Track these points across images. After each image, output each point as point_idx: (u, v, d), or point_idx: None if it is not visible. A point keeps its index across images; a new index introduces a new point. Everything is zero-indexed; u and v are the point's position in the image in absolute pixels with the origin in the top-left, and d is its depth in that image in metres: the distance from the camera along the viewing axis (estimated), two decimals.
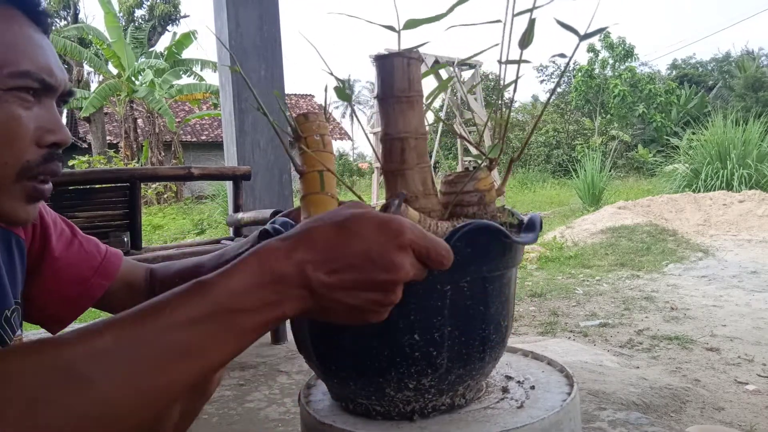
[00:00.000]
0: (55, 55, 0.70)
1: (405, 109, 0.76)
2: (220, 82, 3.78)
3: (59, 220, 0.90)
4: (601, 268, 5.29)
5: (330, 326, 0.69)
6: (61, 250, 0.86)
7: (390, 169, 0.77)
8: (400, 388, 0.71)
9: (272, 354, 2.53)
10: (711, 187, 8.99)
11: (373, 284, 0.51)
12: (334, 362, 0.75)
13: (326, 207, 0.76)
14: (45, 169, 0.67)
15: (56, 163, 0.69)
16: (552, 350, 2.71)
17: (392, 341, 0.69)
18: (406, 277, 0.53)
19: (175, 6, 20.92)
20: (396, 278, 0.52)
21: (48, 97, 0.68)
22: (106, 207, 2.44)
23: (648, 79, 22.01)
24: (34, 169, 0.66)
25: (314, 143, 0.78)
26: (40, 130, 0.66)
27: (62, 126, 0.69)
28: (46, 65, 0.66)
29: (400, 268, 0.51)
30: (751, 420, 2.05)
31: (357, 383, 0.74)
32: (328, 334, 0.73)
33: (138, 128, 16.26)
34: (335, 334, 0.72)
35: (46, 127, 0.67)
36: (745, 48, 35.00)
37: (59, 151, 0.69)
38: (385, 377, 0.71)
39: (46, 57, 0.67)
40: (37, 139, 0.66)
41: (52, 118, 0.68)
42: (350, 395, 0.77)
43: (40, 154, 0.67)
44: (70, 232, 0.90)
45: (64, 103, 0.73)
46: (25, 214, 0.68)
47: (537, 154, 20.78)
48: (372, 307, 0.53)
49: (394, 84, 0.76)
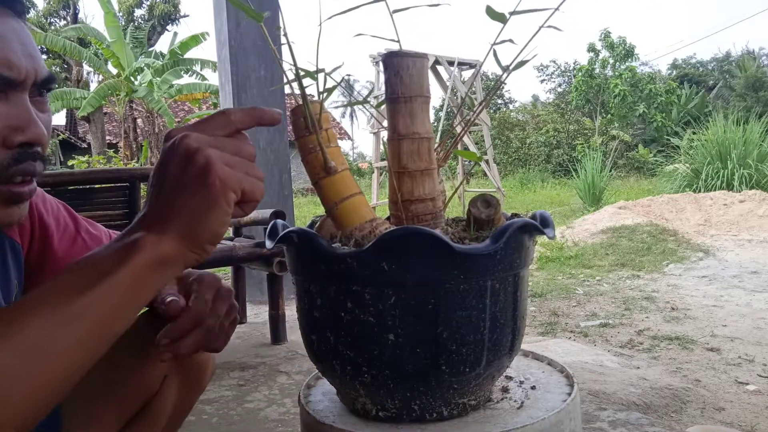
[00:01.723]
0: (23, 41, 0.62)
1: (414, 110, 0.76)
2: (219, 82, 3.78)
3: (63, 213, 0.86)
4: (601, 268, 5.29)
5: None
6: (64, 249, 0.84)
7: (398, 169, 0.77)
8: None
9: (272, 354, 2.53)
10: (711, 187, 8.97)
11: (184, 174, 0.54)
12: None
13: (367, 213, 0.73)
14: (17, 171, 0.62)
15: (30, 163, 0.63)
16: (552, 350, 2.71)
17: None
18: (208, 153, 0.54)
19: (174, 6, 20.91)
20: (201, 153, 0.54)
21: (13, 91, 0.61)
22: (106, 207, 2.44)
23: (648, 79, 21.99)
24: (3, 172, 0.61)
25: (333, 137, 0.75)
26: (6, 130, 0.60)
27: (33, 122, 0.62)
28: (3, 57, 0.59)
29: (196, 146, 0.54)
30: (751, 420, 2.04)
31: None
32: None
33: (137, 128, 16.25)
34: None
35: (12, 125, 0.61)
36: (745, 48, 35.05)
37: (34, 149, 0.63)
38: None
39: (4, 48, 0.60)
40: (3, 140, 0.60)
41: (21, 115, 0.61)
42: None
43: (9, 155, 0.61)
44: (74, 227, 0.87)
45: (48, 91, 0.67)
46: (7, 217, 0.65)
47: (537, 154, 20.77)
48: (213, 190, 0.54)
49: (403, 84, 0.75)
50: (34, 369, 0.49)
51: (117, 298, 0.52)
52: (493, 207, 0.75)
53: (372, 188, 10.42)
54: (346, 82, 2.92)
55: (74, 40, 15.02)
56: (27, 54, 0.62)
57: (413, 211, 0.77)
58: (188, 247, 0.55)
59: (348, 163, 8.14)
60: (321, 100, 0.73)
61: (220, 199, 0.54)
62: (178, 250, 0.54)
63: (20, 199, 0.64)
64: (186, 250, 0.55)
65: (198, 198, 0.54)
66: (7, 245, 0.76)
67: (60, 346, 0.50)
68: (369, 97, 0.91)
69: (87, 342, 0.52)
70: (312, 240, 0.72)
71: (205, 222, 0.54)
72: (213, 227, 0.55)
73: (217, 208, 0.54)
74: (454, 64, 10.13)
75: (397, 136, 0.76)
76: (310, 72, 0.70)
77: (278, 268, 2.44)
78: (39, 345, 0.49)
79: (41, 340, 0.49)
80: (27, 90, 0.62)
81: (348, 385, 0.77)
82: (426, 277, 0.68)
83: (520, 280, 0.75)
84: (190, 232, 0.54)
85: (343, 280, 0.71)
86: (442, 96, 11.30)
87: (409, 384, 0.72)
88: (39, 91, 0.65)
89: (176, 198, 0.54)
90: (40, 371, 0.49)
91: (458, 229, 0.77)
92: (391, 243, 0.67)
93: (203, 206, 0.54)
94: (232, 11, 3.52)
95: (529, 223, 0.71)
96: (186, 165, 0.54)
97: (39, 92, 0.65)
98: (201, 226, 0.54)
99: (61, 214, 0.86)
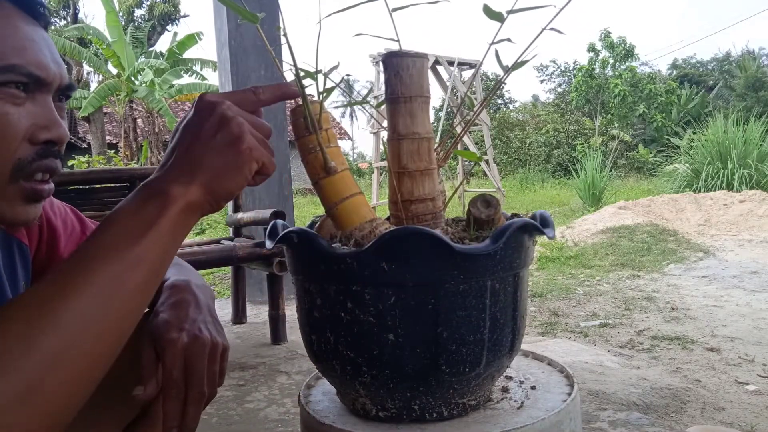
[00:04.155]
0: (50, 49, 0.67)
1: (414, 110, 0.76)
2: (219, 81, 3.78)
3: (70, 216, 0.87)
4: (601, 268, 5.29)
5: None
6: (71, 251, 0.82)
7: (398, 169, 0.77)
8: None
9: (272, 354, 2.53)
10: (711, 187, 8.97)
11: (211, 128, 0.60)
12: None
13: (367, 213, 0.73)
14: (39, 166, 0.65)
15: (52, 160, 0.66)
16: (552, 350, 2.71)
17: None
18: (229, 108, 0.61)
19: (174, 6, 20.91)
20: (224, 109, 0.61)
21: (41, 92, 0.64)
22: (106, 207, 2.44)
23: (648, 79, 21.99)
24: (27, 167, 0.64)
25: (333, 137, 0.75)
26: (33, 127, 0.63)
27: (58, 122, 0.66)
28: (35, 59, 0.63)
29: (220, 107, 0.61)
30: (751, 420, 2.04)
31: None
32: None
33: (138, 128, 16.25)
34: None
35: (39, 123, 0.64)
36: (745, 48, 35.00)
37: (56, 148, 0.66)
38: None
39: (36, 50, 0.64)
40: (30, 137, 0.63)
41: (47, 115, 0.65)
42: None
43: (33, 151, 0.64)
44: (81, 229, 0.87)
45: (66, 98, 0.70)
46: (25, 215, 0.66)
47: (537, 154, 20.77)
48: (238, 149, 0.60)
49: (403, 84, 0.75)
50: (109, 311, 0.55)
51: (163, 245, 0.58)
52: (493, 207, 0.75)
53: (372, 188, 10.42)
54: (345, 82, 2.93)
55: (74, 40, 15.03)
56: (54, 60, 0.66)
57: (413, 211, 0.77)
58: (207, 198, 0.60)
59: (348, 163, 8.11)
60: (321, 100, 0.73)
61: (245, 166, 0.61)
62: (202, 198, 0.60)
63: (40, 197, 0.66)
64: (205, 200, 0.60)
65: (227, 160, 0.60)
66: (15, 247, 0.77)
67: (126, 289, 0.56)
68: (369, 97, 0.91)
69: (144, 287, 0.58)
70: (312, 240, 0.72)
71: (228, 181, 0.61)
72: (232, 188, 0.61)
73: (241, 172, 0.61)
74: (454, 64, 10.12)
75: (397, 136, 0.76)
76: (309, 72, 0.70)
77: (278, 268, 2.44)
78: (111, 288, 0.55)
79: (112, 284, 0.55)
80: (52, 93, 0.66)
81: (348, 385, 0.77)
82: (426, 277, 0.68)
83: (520, 280, 0.75)
84: (211, 187, 0.60)
85: (343, 281, 0.71)
86: (442, 96, 11.30)
87: (409, 384, 0.72)
88: (59, 97, 0.68)
89: (206, 155, 0.60)
90: (113, 313, 0.55)
91: (458, 229, 0.77)
92: (391, 243, 0.67)
93: (230, 168, 0.60)
94: (232, 11, 3.52)
95: (529, 223, 0.71)
96: (220, 129, 0.60)
97: (59, 98, 0.69)
98: (223, 184, 0.60)
99: (69, 216, 0.87)
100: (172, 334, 0.71)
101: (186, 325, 0.72)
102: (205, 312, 0.77)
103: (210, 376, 0.72)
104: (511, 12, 0.73)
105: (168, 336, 0.71)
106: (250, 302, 3.48)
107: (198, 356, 0.71)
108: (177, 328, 0.72)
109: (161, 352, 0.71)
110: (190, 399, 0.70)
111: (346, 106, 11.97)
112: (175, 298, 0.77)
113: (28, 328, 0.51)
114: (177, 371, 0.70)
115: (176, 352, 0.70)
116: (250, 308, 3.39)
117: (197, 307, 0.76)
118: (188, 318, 0.74)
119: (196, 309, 0.76)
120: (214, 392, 0.74)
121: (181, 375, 0.70)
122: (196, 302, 0.77)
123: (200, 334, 0.72)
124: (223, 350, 0.75)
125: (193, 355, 0.71)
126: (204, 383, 0.71)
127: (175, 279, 0.81)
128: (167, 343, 0.70)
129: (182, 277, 0.82)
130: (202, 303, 0.78)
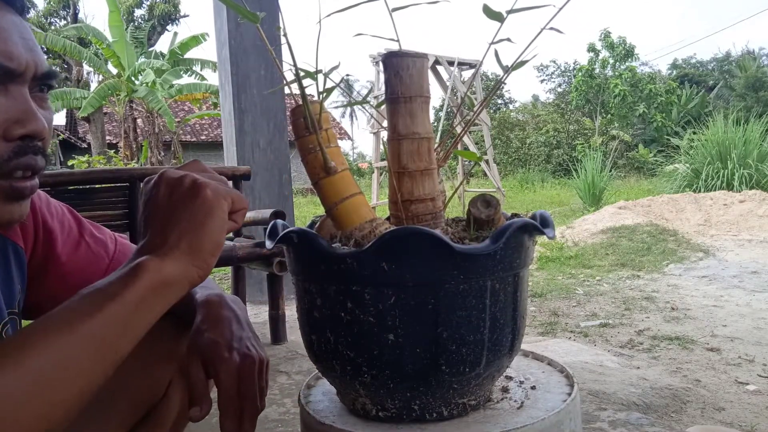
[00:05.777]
0: (23, 35, 0.61)
1: (414, 110, 0.75)
2: (219, 81, 3.78)
3: (67, 216, 0.84)
4: (601, 268, 5.29)
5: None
6: (67, 254, 0.81)
7: (398, 169, 0.77)
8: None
9: (272, 354, 2.53)
10: (711, 187, 8.97)
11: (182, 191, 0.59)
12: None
13: (367, 213, 0.73)
14: (18, 164, 0.61)
15: (32, 157, 0.62)
16: (552, 350, 2.71)
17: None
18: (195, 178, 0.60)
19: (174, 6, 20.92)
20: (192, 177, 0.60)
21: (14, 83, 0.60)
22: (106, 207, 2.44)
23: (648, 79, 22.00)
24: (4, 165, 0.60)
25: (333, 137, 0.75)
26: (6, 123, 0.59)
27: (34, 115, 0.61)
28: (3, 48, 0.58)
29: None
30: (751, 420, 2.04)
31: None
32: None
33: (137, 128, 16.25)
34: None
35: (12, 118, 0.59)
36: (745, 48, 35.02)
37: (35, 143, 0.62)
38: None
39: (5, 38, 0.59)
40: (4, 133, 0.59)
41: (21, 107, 0.60)
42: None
43: (9, 149, 0.60)
44: (78, 231, 0.84)
45: (48, 88, 0.66)
46: (9, 214, 0.63)
47: (537, 154, 20.77)
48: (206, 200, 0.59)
49: (403, 84, 0.75)
50: (47, 392, 0.50)
51: (124, 320, 0.55)
52: (493, 207, 0.75)
53: (372, 188, 10.42)
54: (345, 82, 2.92)
55: (74, 39, 15.03)
56: (27, 47, 0.61)
57: (413, 211, 0.77)
58: (191, 262, 0.57)
59: (348, 163, 8.08)
60: (321, 100, 0.73)
61: (216, 208, 0.58)
62: (182, 269, 0.57)
63: (21, 195, 0.63)
64: (189, 267, 0.57)
65: (194, 210, 0.58)
66: (10, 249, 0.74)
67: (71, 368, 0.51)
68: (369, 97, 0.91)
69: (96, 363, 0.53)
70: (312, 240, 0.72)
71: (207, 231, 0.58)
72: (214, 236, 0.58)
73: (214, 215, 0.58)
74: (454, 64, 10.12)
75: (397, 136, 0.76)
76: (309, 72, 0.70)
77: (278, 268, 2.44)
78: (51, 368, 0.50)
79: (54, 363, 0.51)
80: (27, 83, 0.62)
81: (348, 385, 0.77)
82: (426, 277, 0.68)
83: (520, 280, 0.75)
84: (191, 246, 0.57)
85: (343, 281, 0.71)
86: (442, 96, 11.30)
87: (409, 384, 0.72)
88: (39, 87, 0.64)
89: (172, 217, 0.58)
90: (52, 394, 0.50)
91: (458, 229, 0.77)
92: (391, 243, 0.67)
93: (201, 216, 0.58)
94: (232, 11, 3.52)
95: (529, 223, 0.71)
96: (174, 188, 0.59)
97: (40, 88, 0.64)
98: (202, 236, 0.57)
99: (66, 217, 0.84)
100: (224, 353, 0.72)
101: (235, 344, 0.73)
102: (246, 328, 0.78)
103: (260, 392, 0.75)
104: (511, 12, 0.73)
105: (221, 357, 0.71)
106: (250, 302, 3.48)
107: (250, 374, 0.73)
108: (227, 348, 0.72)
109: (215, 373, 0.71)
110: (246, 415, 0.73)
111: (346, 106, 11.99)
112: (214, 315, 0.76)
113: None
114: (233, 390, 0.71)
115: (231, 372, 0.71)
116: (250, 308, 3.39)
117: (239, 323, 0.77)
118: (234, 336, 0.74)
119: (238, 326, 0.76)
120: (263, 405, 0.76)
121: (236, 393, 0.72)
122: (236, 318, 0.77)
123: (249, 352, 0.73)
124: (267, 365, 0.77)
125: (245, 374, 0.72)
126: (257, 399, 0.74)
127: (208, 294, 0.80)
128: (221, 364, 0.71)
129: (213, 292, 0.81)
130: (242, 318, 0.78)
